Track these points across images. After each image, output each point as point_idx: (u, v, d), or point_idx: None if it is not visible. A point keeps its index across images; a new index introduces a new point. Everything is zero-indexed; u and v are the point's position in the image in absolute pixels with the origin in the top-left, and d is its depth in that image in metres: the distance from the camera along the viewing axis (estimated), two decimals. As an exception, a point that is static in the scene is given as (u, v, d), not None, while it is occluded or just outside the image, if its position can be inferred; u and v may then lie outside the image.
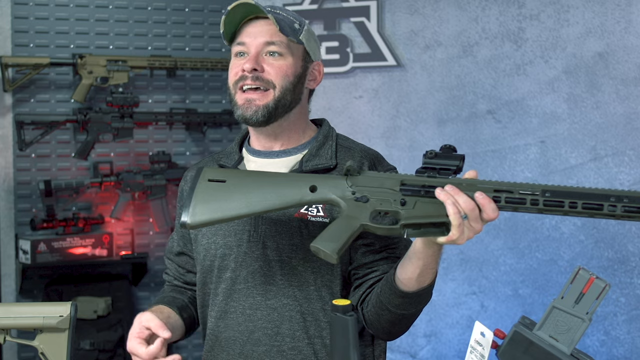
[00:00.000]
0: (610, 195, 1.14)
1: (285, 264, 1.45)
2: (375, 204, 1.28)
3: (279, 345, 1.45)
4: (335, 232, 1.26)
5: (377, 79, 3.12)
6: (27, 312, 1.33)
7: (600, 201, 1.14)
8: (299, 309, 1.45)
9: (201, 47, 3.30)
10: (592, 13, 2.84)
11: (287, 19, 1.49)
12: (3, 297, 3.04)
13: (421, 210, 1.24)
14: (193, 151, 3.30)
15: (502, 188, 1.20)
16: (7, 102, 3.04)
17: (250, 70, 1.44)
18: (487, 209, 1.19)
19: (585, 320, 1.22)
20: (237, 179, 1.35)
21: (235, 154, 1.56)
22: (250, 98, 1.45)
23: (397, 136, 3.09)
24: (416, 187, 1.25)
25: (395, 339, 1.51)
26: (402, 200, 1.25)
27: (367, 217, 1.27)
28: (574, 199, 1.15)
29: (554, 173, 2.88)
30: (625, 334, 2.80)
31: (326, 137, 1.53)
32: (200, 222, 1.32)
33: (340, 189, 1.31)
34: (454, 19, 3.02)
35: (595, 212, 1.14)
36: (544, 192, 1.17)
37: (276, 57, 1.46)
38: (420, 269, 1.32)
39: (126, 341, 1.39)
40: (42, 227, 3.00)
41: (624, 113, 2.80)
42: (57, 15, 3.11)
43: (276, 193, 1.32)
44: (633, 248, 2.79)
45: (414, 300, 1.36)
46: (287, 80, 1.47)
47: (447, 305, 3.03)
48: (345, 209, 1.29)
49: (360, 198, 1.29)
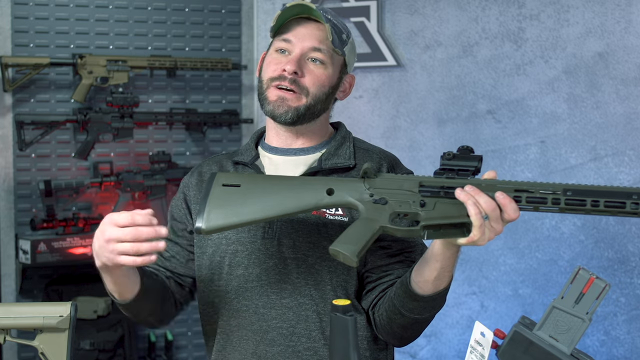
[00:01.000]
0: (632, 192, 1.13)
1: (301, 262, 1.43)
2: (394, 205, 1.26)
3: (294, 345, 1.42)
4: (354, 234, 1.25)
5: (377, 79, 3.12)
6: (27, 312, 1.33)
7: (623, 199, 1.13)
8: (315, 308, 1.42)
9: (201, 47, 3.30)
10: (592, 13, 2.84)
11: (337, 28, 1.48)
12: (3, 297, 3.04)
13: (441, 211, 1.23)
14: (193, 151, 3.30)
15: (523, 188, 1.19)
16: (7, 102, 3.04)
17: (292, 72, 1.43)
18: (509, 209, 1.17)
19: (585, 320, 1.22)
20: (252, 183, 1.33)
21: (252, 150, 1.55)
22: (284, 97, 1.44)
23: (397, 136, 3.09)
24: (435, 188, 1.24)
25: (406, 344, 1.49)
26: (422, 201, 1.24)
27: (386, 219, 1.26)
28: (596, 198, 1.14)
29: (554, 173, 2.88)
30: (625, 334, 2.80)
31: (344, 138, 1.54)
32: (216, 227, 1.30)
33: (358, 191, 1.29)
34: (454, 19, 3.02)
35: (617, 210, 1.14)
36: (566, 191, 1.16)
37: (317, 65, 1.46)
38: (437, 272, 1.31)
39: (126, 341, 1.38)
40: (42, 227, 3.00)
41: (624, 113, 2.80)
42: (57, 15, 3.11)
43: (293, 197, 1.31)
44: (633, 248, 2.79)
45: (428, 305, 1.35)
46: (322, 90, 1.46)
47: (447, 305, 3.01)
48: (364, 212, 1.27)
49: (378, 200, 1.28)
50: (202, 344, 3.32)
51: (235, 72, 3.28)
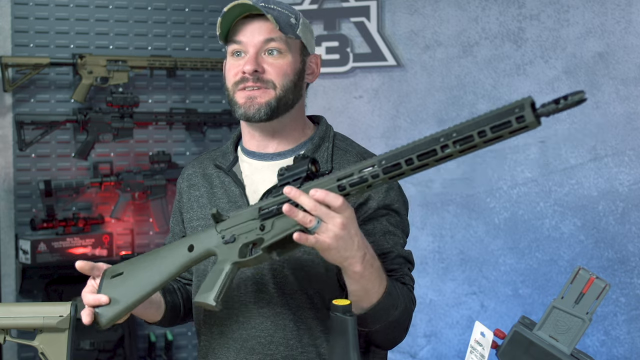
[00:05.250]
0: (438, 137, 1.10)
1: (277, 273, 1.43)
2: (242, 239, 1.29)
3: (272, 354, 1.42)
4: (209, 282, 1.30)
5: (377, 79, 3.12)
6: (27, 312, 1.33)
7: (432, 146, 1.11)
8: (292, 317, 1.43)
9: (201, 47, 3.30)
10: (592, 13, 2.84)
11: (283, 14, 1.44)
12: (3, 297, 3.04)
13: (278, 227, 1.25)
14: (193, 151, 3.30)
15: (342, 175, 1.19)
16: (7, 102, 3.04)
17: (252, 72, 1.41)
18: (328, 200, 1.18)
19: (585, 320, 1.22)
20: (132, 265, 1.40)
21: (231, 154, 1.55)
22: (252, 95, 1.42)
23: (397, 136, 3.09)
24: (271, 208, 1.26)
25: (389, 348, 1.50)
26: (262, 225, 1.27)
27: (235, 255, 1.30)
28: (407, 156, 1.13)
29: (554, 173, 2.88)
30: (625, 334, 2.80)
31: (322, 139, 1.50)
32: (112, 320, 1.37)
33: (213, 239, 1.33)
34: (454, 19, 3.02)
35: (432, 159, 1.11)
36: (380, 162, 1.16)
37: (275, 56, 1.43)
38: (355, 297, 1.30)
39: (126, 341, 1.40)
40: (42, 227, 3.00)
41: (624, 113, 2.80)
42: (57, 15, 3.11)
43: (160, 269, 1.36)
44: (633, 248, 2.79)
45: (368, 320, 1.34)
46: (288, 78, 1.44)
47: (447, 305, 3.03)
48: (219, 255, 1.31)
49: (229, 240, 1.31)
50: (202, 344, 3.32)
51: (235, 72, 3.28)
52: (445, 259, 3.01)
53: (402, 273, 1.44)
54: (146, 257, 1.41)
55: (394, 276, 1.41)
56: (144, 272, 1.37)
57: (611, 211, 2.81)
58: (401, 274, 1.44)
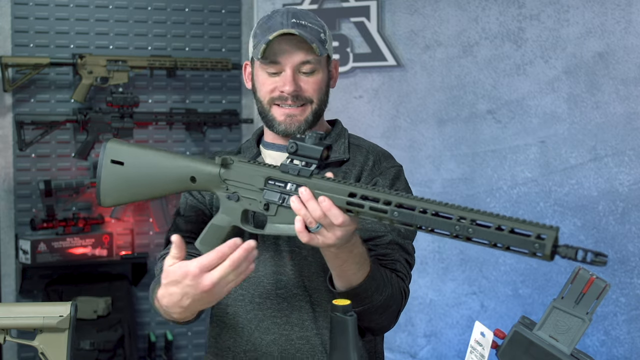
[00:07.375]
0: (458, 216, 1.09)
1: (295, 255, 1.47)
2: (245, 203, 1.31)
3: (287, 334, 1.47)
4: (211, 235, 1.34)
5: (377, 79, 3.12)
6: (27, 312, 1.33)
7: (448, 227, 1.10)
8: (309, 299, 1.47)
9: (201, 47, 3.30)
10: (592, 13, 2.84)
11: (314, 30, 1.50)
12: (3, 297, 3.04)
13: (281, 217, 1.27)
14: (193, 151, 3.30)
15: (355, 192, 1.19)
16: (7, 102, 3.04)
17: (291, 92, 1.47)
18: (330, 214, 1.19)
19: (585, 320, 1.22)
20: (134, 158, 1.41)
21: (253, 148, 1.60)
22: (291, 113, 1.49)
23: (397, 136, 3.09)
24: (277, 191, 1.27)
25: (378, 334, 1.52)
26: (266, 204, 1.28)
27: (238, 219, 1.32)
28: (421, 223, 1.12)
29: (554, 173, 2.88)
30: (625, 334, 2.80)
31: (339, 135, 1.59)
32: (112, 204, 1.43)
33: (214, 181, 1.34)
34: (454, 19, 3.02)
35: (441, 232, 1.12)
36: (394, 210, 1.14)
37: (310, 74, 1.50)
38: (335, 270, 1.33)
39: (126, 341, 1.39)
40: (42, 227, 3.00)
41: (624, 113, 2.80)
42: (57, 15, 3.11)
43: (162, 182, 1.39)
44: (633, 248, 2.79)
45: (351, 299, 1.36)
46: (322, 92, 1.53)
47: (447, 305, 3.03)
48: (222, 205, 1.34)
49: (231, 196, 1.32)
50: (202, 344, 3.32)
51: (235, 72, 3.28)
52: (445, 259, 3.01)
53: (392, 259, 1.45)
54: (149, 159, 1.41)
55: (383, 261, 1.43)
56: (145, 177, 1.40)
57: (611, 211, 2.81)
58: (392, 260, 1.45)
